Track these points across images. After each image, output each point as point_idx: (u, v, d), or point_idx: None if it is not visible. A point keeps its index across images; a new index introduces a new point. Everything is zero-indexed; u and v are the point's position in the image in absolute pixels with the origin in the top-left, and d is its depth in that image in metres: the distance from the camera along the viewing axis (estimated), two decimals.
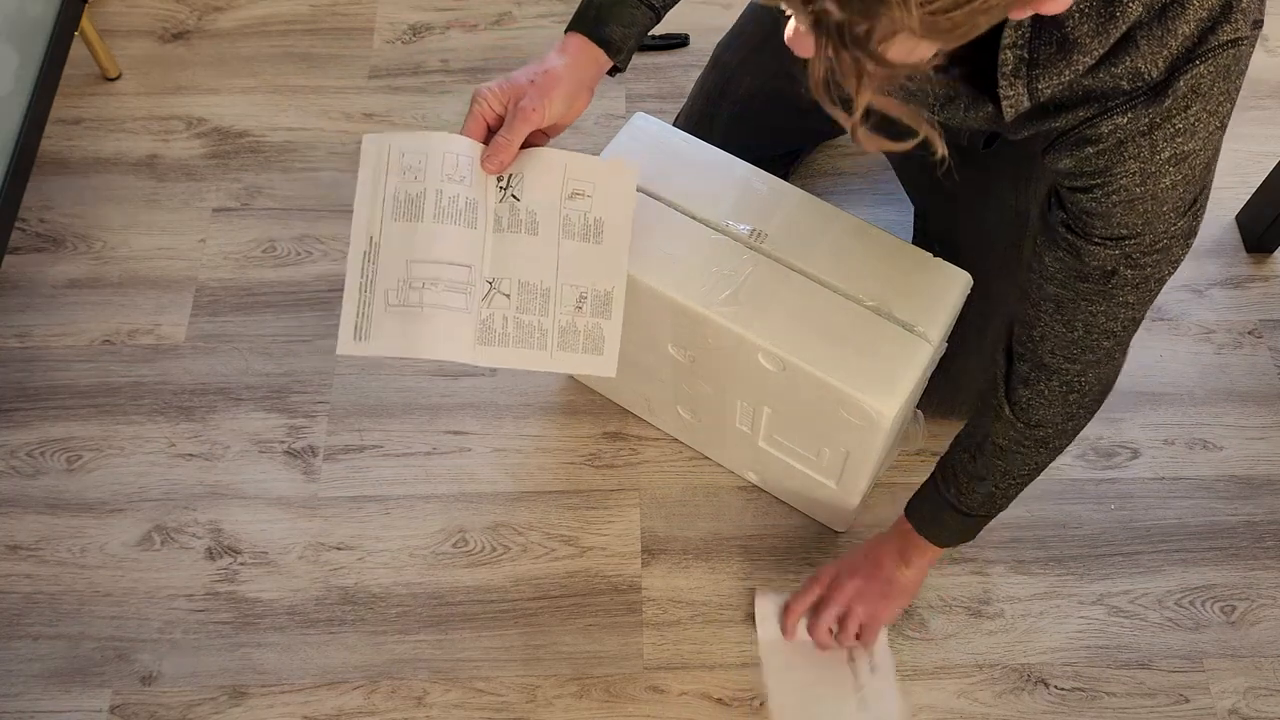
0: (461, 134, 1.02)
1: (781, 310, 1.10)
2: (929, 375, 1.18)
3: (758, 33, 1.36)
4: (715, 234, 1.14)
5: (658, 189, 1.17)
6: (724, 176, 1.19)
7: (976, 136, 1.12)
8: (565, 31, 1.05)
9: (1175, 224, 0.84)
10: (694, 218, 1.15)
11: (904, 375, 1.08)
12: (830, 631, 1.22)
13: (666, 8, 1.08)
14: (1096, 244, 0.86)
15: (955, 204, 1.26)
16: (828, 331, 1.09)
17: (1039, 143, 0.86)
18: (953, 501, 1.12)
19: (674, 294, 1.11)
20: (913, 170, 1.34)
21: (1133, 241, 0.85)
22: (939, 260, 1.14)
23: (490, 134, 1.02)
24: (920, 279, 1.13)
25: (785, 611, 1.24)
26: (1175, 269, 0.89)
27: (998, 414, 1.03)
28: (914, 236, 1.37)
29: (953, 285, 1.13)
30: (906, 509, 1.19)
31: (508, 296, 1.02)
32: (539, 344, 1.03)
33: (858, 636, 1.22)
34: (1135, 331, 0.95)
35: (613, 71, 1.07)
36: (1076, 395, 0.99)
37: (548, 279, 1.03)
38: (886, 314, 1.10)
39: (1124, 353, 0.98)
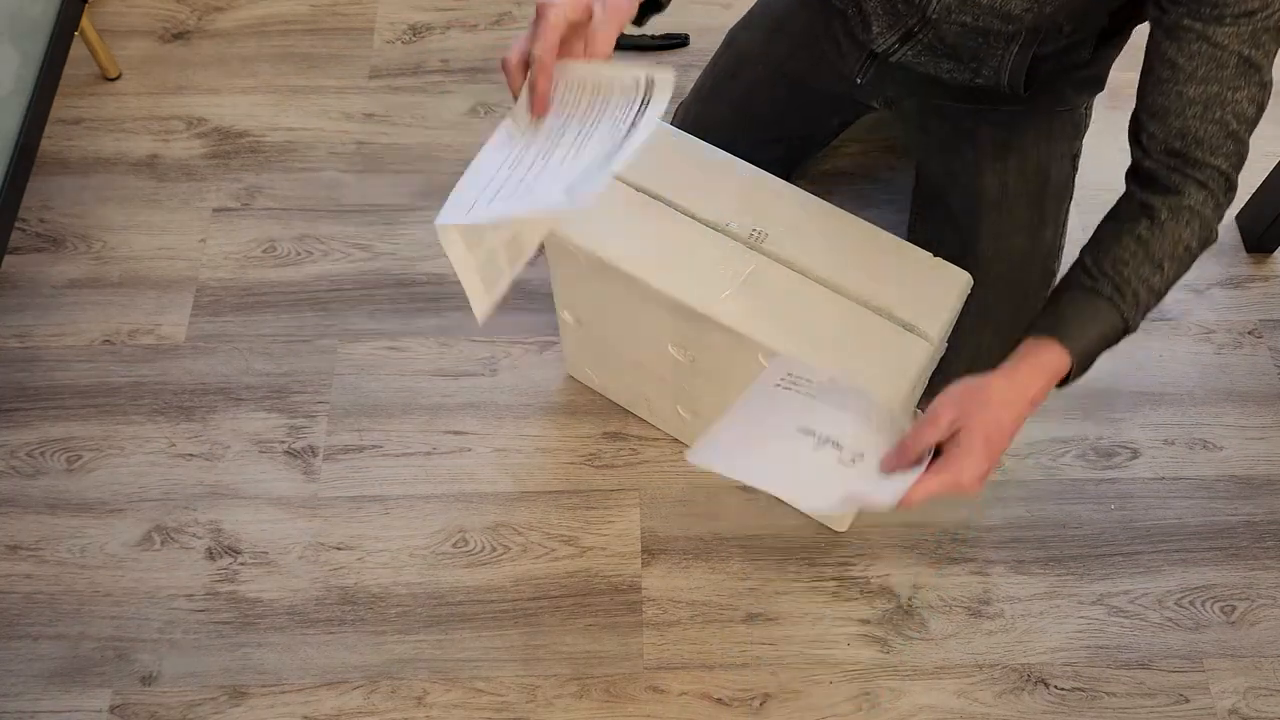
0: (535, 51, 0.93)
1: (781, 309, 1.10)
2: (929, 375, 1.18)
3: (773, 15, 1.37)
4: (715, 234, 1.14)
5: (658, 188, 1.17)
6: (724, 176, 1.19)
7: (1018, 77, 1.15)
8: None
9: None
10: (694, 217, 1.15)
11: (903, 375, 1.08)
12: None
13: None
14: (1228, 25, 0.91)
15: (965, 161, 1.28)
16: (827, 331, 1.09)
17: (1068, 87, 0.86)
18: (1125, 312, 0.99)
19: (674, 293, 1.11)
20: (931, 123, 1.34)
21: (1261, 15, 0.90)
22: (939, 260, 1.14)
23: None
24: (920, 279, 1.13)
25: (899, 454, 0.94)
26: None
27: (1194, 214, 0.99)
28: (913, 200, 1.39)
29: (953, 285, 1.13)
30: (1062, 336, 1.00)
31: None
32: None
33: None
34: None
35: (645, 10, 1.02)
36: (1232, 191, 1.02)
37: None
38: (886, 314, 1.10)
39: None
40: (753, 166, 1.19)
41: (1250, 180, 1.59)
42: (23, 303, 1.51)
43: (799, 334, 1.09)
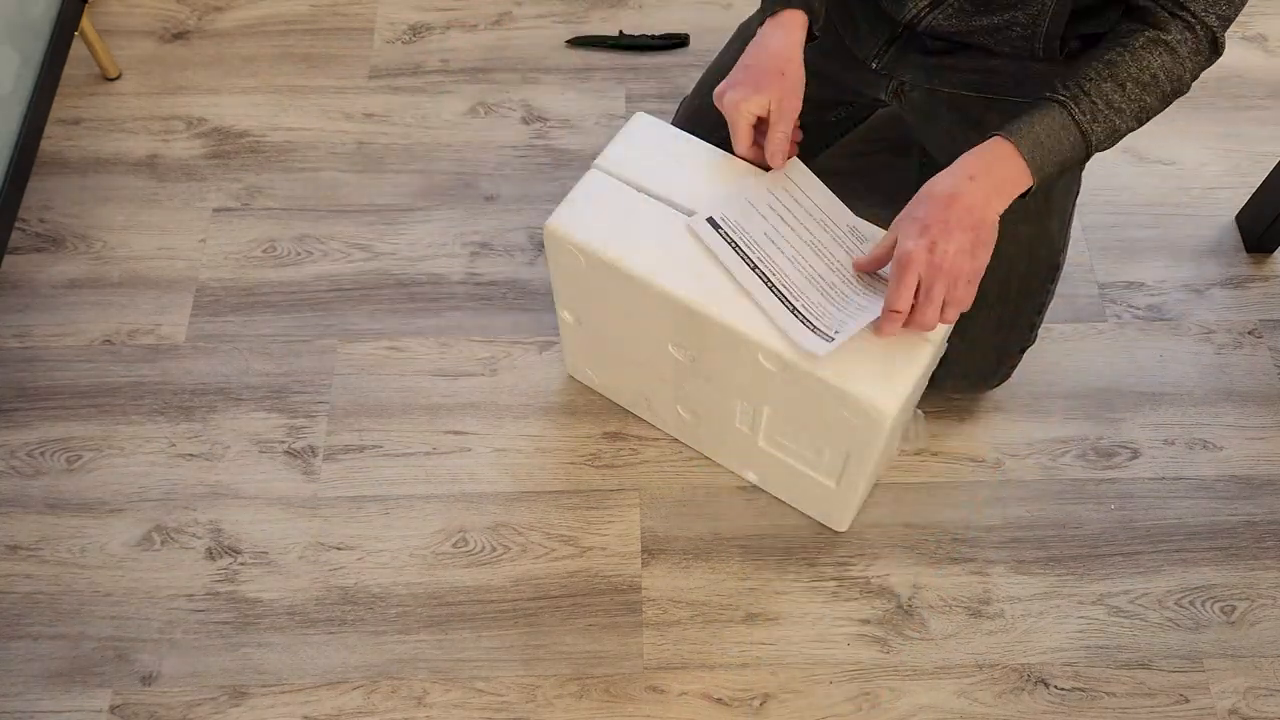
0: (736, 151, 1.16)
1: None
2: (930, 373, 1.18)
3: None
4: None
5: (657, 188, 1.17)
6: (724, 176, 1.19)
7: (1056, 29, 1.13)
8: (772, 5, 1.13)
9: None
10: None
11: (904, 373, 1.08)
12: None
13: None
14: None
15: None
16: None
17: None
18: (1078, 116, 1.03)
19: (676, 291, 1.11)
20: (939, 112, 1.32)
21: None
22: None
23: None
24: None
25: (885, 320, 1.04)
26: None
27: (1166, 49, 1.03)
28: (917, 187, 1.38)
29: None
30: (1016, 138, 1.03)
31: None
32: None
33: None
34: None
35: (810, 38, 1.14)
36: (1216, 50, 1.05)
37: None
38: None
39: None
40: (751, 165, 1.19)
41: (1250, 180, 1.60)
42: (23, 303, 1.51)
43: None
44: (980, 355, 1.32)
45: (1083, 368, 1.46)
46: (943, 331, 1.11)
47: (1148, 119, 1.06)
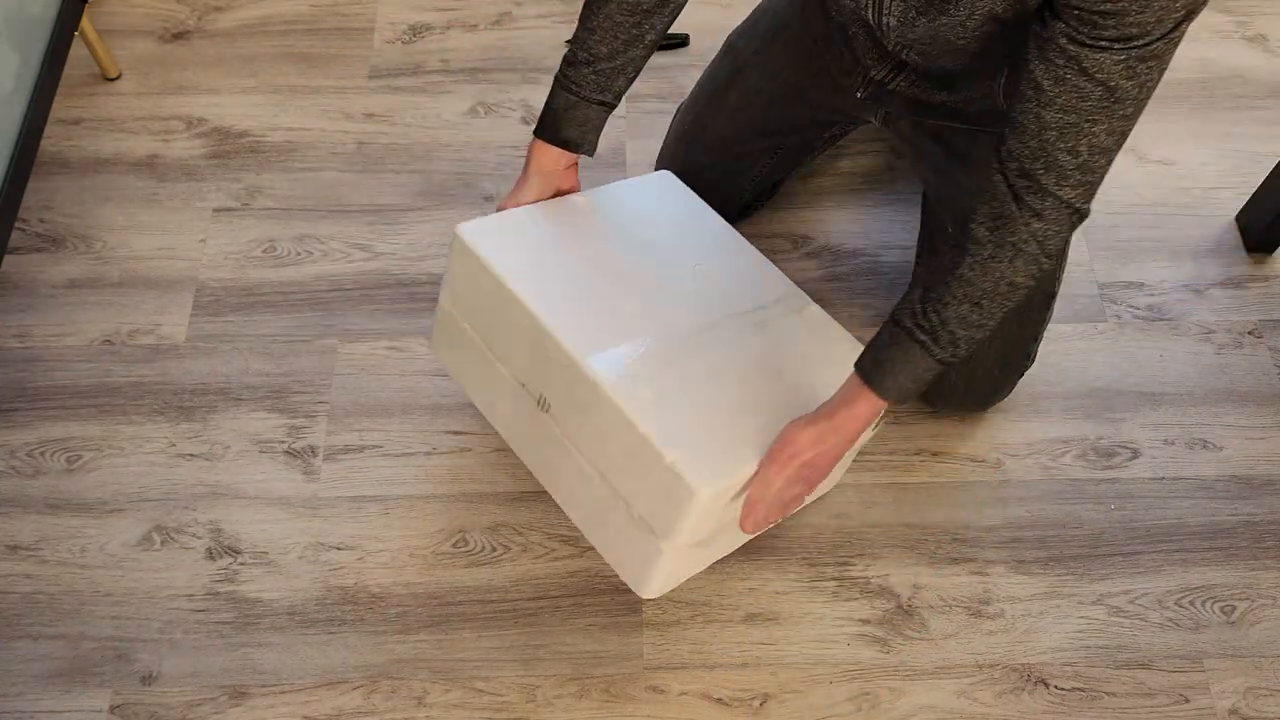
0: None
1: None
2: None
3: (773, 24, 1.37)
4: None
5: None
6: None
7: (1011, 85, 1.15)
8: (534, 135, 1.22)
9: (1175, 11, 0.87)
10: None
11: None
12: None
13: (620, 97, 1.21)
14: (1103, 50, 0.88)
15: (959, 185, 1.30)
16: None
17: None
18: (939, 355, 1.06)
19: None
20: (926, 145, 1.35)
21: (1140, 42, 0.88)
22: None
23: None
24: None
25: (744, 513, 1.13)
26: (1161, 78, 0.93)
27: (1017, 253, 1.01)
28: (922, 213, 1.40)
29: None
30: (874, 384, 1.08)
31: None
32: None
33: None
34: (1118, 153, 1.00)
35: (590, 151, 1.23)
36: (1079, 218, 1.01)
37: None
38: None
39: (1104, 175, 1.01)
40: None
41: (1250, 180, 1.60)
42: (23, 303, 1.51)
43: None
44: (979, 382, 1.33)
45: (1083, 368, 1.46)
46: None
47: (1009, 309, 1.07)
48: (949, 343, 1.04)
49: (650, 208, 1.31)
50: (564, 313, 1.15)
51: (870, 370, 1.07)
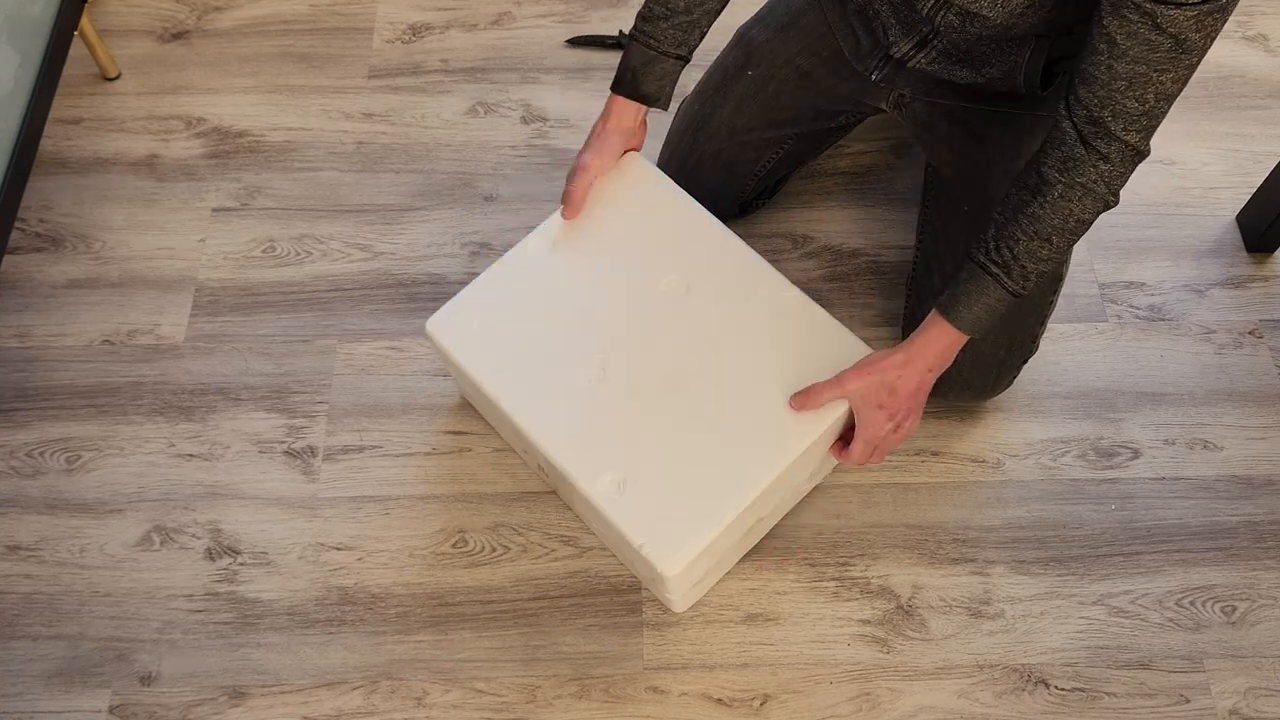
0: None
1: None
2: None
3: (785, 14, 1.37)
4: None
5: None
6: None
7: (1034, 80, 1.20)
8: (611, 90, 1.29)
9: None
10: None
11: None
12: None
13: (693, 50, 1.27)
14: (1179, 5, 0.93)
15: (976, 163, 1.32)
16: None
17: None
18: (1010, 286, 1.12)
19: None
20: (941, 125, 1.36)
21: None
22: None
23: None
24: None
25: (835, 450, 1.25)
26: (1224, 27, 0.99)
27: (1085, 193, 1.07)
28: (923, 198, 1.43)
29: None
30: (949, 314, 1.15)
31: None
32: None
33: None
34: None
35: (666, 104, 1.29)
36: (1140, 158, 1.07)
37: None
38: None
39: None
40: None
41: (1251, 180, 1.60)
42: (23, 303, 1.51)
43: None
44: (985, 368, 1.33)
45: (1083, 368, 1.46)
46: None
47: (1074, 244, 1.13)
48: (1020, 275, 1.10)
49: (629, 213, 1.31)
50: (531, 400, 1.21)
51: (947, 304, 1.14)
